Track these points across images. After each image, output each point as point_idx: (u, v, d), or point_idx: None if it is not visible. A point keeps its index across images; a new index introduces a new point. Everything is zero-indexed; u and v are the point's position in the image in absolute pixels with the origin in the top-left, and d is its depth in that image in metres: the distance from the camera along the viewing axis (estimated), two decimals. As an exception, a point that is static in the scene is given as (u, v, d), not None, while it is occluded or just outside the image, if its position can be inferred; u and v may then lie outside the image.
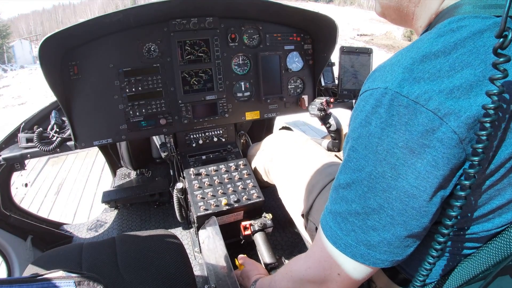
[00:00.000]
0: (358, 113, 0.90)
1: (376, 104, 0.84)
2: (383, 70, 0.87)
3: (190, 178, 2.36)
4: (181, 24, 2.37)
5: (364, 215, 0.89)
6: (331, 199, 1.00)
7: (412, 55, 0.82)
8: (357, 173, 0.89)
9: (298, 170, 2.05)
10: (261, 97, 2.65)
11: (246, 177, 2.40)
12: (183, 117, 2.47)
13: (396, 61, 0.85)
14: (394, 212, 0.85)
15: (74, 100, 2.22)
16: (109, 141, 2.36)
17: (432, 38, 0.82)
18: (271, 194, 3.02)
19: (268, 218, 2.30)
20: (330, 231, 0.98)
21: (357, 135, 0.89)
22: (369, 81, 0.89)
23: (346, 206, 0.93)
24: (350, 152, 0.91)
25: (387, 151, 0.83)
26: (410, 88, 0.78)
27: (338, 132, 2.16)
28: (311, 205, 1.79)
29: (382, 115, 0.82)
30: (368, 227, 0.90)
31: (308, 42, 2.72)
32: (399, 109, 0.79)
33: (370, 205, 0.88)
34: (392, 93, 0.80)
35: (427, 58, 0.80)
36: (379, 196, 0.86)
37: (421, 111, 0.77)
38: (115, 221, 3.28)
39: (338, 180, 0.97)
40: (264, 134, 3.71)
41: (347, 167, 0.93)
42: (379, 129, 0.83)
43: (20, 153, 2.19)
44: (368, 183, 0.87)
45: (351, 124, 0.94)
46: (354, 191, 0.91)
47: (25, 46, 35.32)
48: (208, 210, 2.18)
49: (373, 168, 0.86)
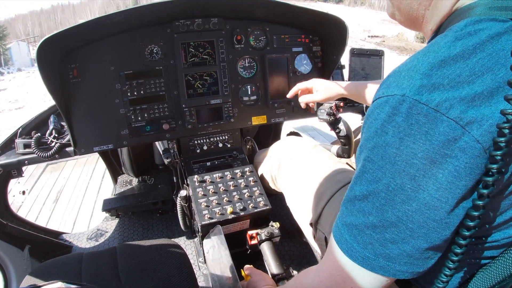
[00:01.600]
0: (372, 121, 0.89)
1: (392, 112, 0.83)
2: (398, 75, 0.86)
3: (194, 186, 2.36)
4: (185, 25, 2.38)
5: (381, 228, 0.89)
6: (346, 211, 0.99)
7: (430, 59, 0.81)
8: (374, 185, 0.88)
9: (306, 177, 2.05)
10: (268, 101, 2.66)
11: (252, 184, 2.39)
12: (187, 122, 2.48)
13: (412, 66, 0.84)
14: (414, 225, 0.84)
15: (73, 104, 2.23)
16: (110, 147, 2.37)
17: (449, 41, 0.82)
18: (279, 202, 3.01)
19: (276, 227, 2.30)
20: (345, 244, 0.97)
21: (372, 144, 0.88)
22: (383, 87, 0.89)
23: (362, 218, 0.92)
24: (366, 163, 0.91)
25: (406, 161, 0.82)
26: (429, 95, 0.77)
27: (348, 137, 2.16)
28: (320, 213, 1.79)
29: (400, 124, 0.81)
30: (386, 240, 0.89)
31: (317, 44, 2.73)
32: (418, 118, 0.79)
33: (388, 218, 0.87)
34: (410, 101, 0.79)
35: (446, 63, 0.79)
36: (398, 208, 0.85)
37: (442, 119, 0.76)
38: (116, 230, 3.29)
39: (353, 191, 0.96)
40: (271, 139, 3.72)
41: (363, 178, 0.92)
42: (397, 138, 0.82)
43: (17, 160, 2.20)
44: (385, 195, 0.87)
45: (365, 133, 0.93)
46: (371, 203, 0.90)
47: (23, 48, 35.52)
48: (213, 219, 2.17)
49: (391, 180, 0.85)
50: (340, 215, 1.02)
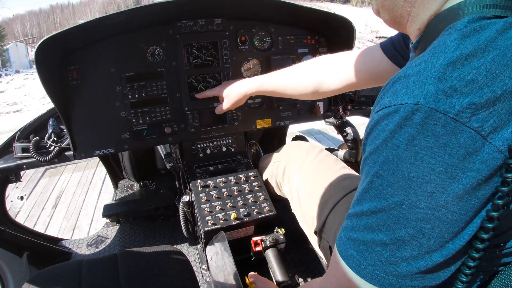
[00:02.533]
0: (380, 133, 0.85)
1: (404, 122, 0.78)
2: (405, 81, 0.82)
3: (197, 191, 2.35)
4: (188, 25, 2.39)
5: (392, 246, 0.85)
6: (352, 225, 0.95)
7: (441, 61, 0.77)
8: (384, 202, 0.84)
9: (311, 183, 2.06)
10: (273, 104, 2.66)
11: (257, 190, 2.39)
12: (190, 126, 2.49)
13: (420, 70, 0.80)
14: (430, 242, 0.81)
15: (73, 107, 2.24)
16: (110, 151, 2.38)
17: (456, 40, 0.79)
18: (284, 207, 3.01)
19: (281, 233, 2.29)
20: (352, 260, 0.94)
21: (382, 159, 0.84)
22: (389, 95, 0.85)
23: (371, 235, 0.89)
24: (375, 179, 0.86)
25: (423, 178, 0.77)
26: (447, 102, 0.73)
27: (355, 141, 2.17)
28: (324, 222, 1.79)
29: (414, 136, 0.76)
30: (397, 258, 0.85)
31: (323, 45, 2.74)
32: (435, 129, 0.75)
33: (401, 236, 0.83)
34: (426, 110, 0.75)
35: (460, 63, 0.75)
36: (412, 227, 0.81)
37: (462, 130, 0.73)
38: (117, 236, 3.30)
39: (360, 206, 0.92)
40: (276, 143, 3.73)
41: (371, 194, 0.88)
42: (411, 152, 0.78)
43: (15, 164, 2.20)
44: (398, 214, 0.82)
45: (370, 145, 0.89)
46: (381, 221, 0.86)
47: (21, 49, 35.66)
48: (216, 225, 2.17)
49: (405, 197, 0.80)
50: (344, 228, 0.99)
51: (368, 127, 0.91)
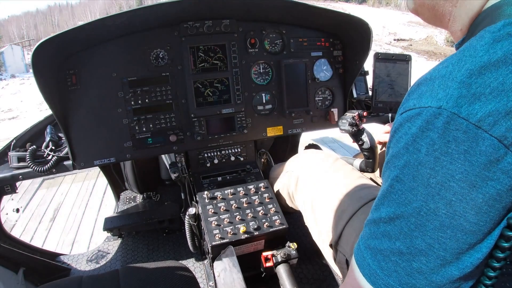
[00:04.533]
0: (402, 136, 0.88)
1: (426, 126, 0.81)
2: (431, 84, 0.84)
3: (204, 203, 2.36)
4: (194, 27, 2.41)
5: (409, 256, 0.87)
6: (370, 233, 0.97)
7: (467, 65, 0.78)
8: (403, 208, 0.87)
9: (325, 194, 2.06)
10: (284, 110, 2.68)
11: (267, 202, 2.39)
12: (196, 133, 2.50)
13: (446, 73, 0.82)
14: (447, 253, 0.82)
15: (72, 113, 2.27)
16: (112, 160, 2.40)
17: (487, 44, 0.80)
18: (296, 220, 3.02)
19: (293, 248, 2.27)
20: (368, 269, 0.95)
21: (402, 163, 0.87)
22: (414, 97, 0.87)
23: (388, 243, 0.90)
24: (394, 183, 0.89)
25: (442, 184, 0.79)
26: (469, 108, 0.75)
27: (372, 150, 2.17)
28: (340, 233, 1.80)
29: (435, 141, 0.79)
30: (413, 269, 0.86)
31: (338, 48, 2.76)
32: (456, 134, 0.76)
33: (417, 245, 0.84)
34: (447, 115, 0.77)
35: (486, 69, 0.76)
36: (429, 235, 0.83)
37: (483, 137, 0.74)
38: (119, 251, 3.31)
39: (378, 212, 0.95)
40: (288, 153, 3.75)
41: (390, 200, 0.90)
42: (431, 158, 0.80)
43: (10, 174, 2.22)
44: (416, 221, 0.84)
45: (392, 148, 0.92)
46: (398, 228, 0.88)
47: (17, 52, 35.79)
48: (225, 239, 2.17)
49: (423, 204, 0.82)
50: (362, 236, 1.01)
51: (392, 129, 0.93)
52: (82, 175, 5.83)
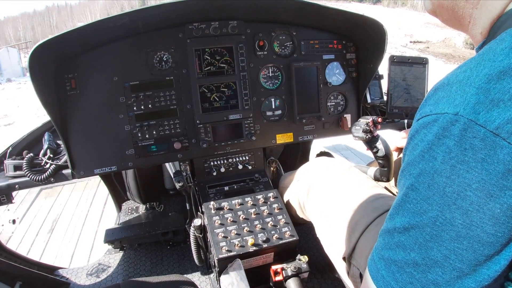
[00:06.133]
0: (418, 143, 0.89)
1: (442, 133, 0.82)
2: (448, 89, 0.85)
3: (210, 214, 2.36)
4: (199, 29, 2.43)
5: (424, 267, 0.88)
6: (384, 243, 0.99)
7: (486, 70, 0.80)
8: (418, 217, 0.88)
9: (338, 204, 2.07)
10: (295, 116, 2.69)
11: (277, 212, 2.39)
12: (202, 140, 2.51)
13: (464, 77, 0.83)
14: (464, 265, 0.82)
15: (71, 120, 2.28)
16: (113, 169, 2.42)
17: (507, 48, 0.81)
18: (307, 232, 3.01)
19: (304, 261, 2.29)
20: (382, 281, 0.97)
21: (418, 171, 0.88)
22: (431, 103, 0.89)
23: (403, 254, 0.92)
24: (409, 191, 0.90)
25: (458, 193, 0.80)
26: (487, 115, 0.76)
27: (387, 158, 2.16)
28: (354, 246, 1.81)
29: (452, 148, 0.80)
30: (428, 281, 0.87)
31: (351, 51, 2.77)
32: (473, 142, 0.77)
33: (433, 256, 0.86)
34: (464, 121, 0.78)
35: (506, 74, 0.77)
36: (445, 246, 0.84)
37: (502, 145, 0.75)
38: (121, 264, 3.32)
39: (393, 222, 0.96)
40: (298, 161, 3.76)
41: (405, 209, 0.92)
42: (447, 166, 0.81)
43: (6, 184, 2.24)
44: (431, 231, 0.85)
45: (408, 155, 0.93)
46: (413, 238, 0.89)
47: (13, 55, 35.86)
48: (232, 252, 2.17)
49: (439, 213, 0.83)
50: (376, 247, 1.02)
51: (408, 136, 0.95)
52: (82, 185, 5.86)
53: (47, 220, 5.03)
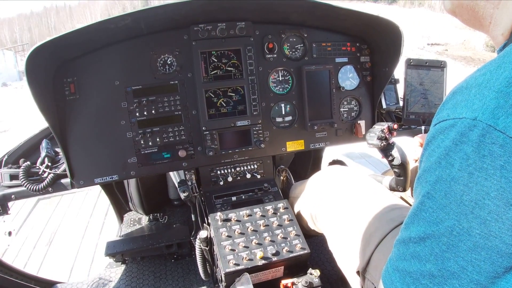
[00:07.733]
0: (435, 149, 0.90)
1: (459, 139, 0.82)
2: (467, 93, 0.86)
3: (216, 225, 2.36)
4: (205, 30, 2.44)
5: (440, 279, 0.88)
6: (398, 254, 1.00)
7: (507, 74, 0.80)
8: (434, 227, 0.88)
9: (352, 215, 2.07)
10: (306, 122, 2.69)
11: (287, 224, 2.38)
12: (208, 148, 2.51)
13: (483, 81, 0.84)
14: (481, 277, 0.83)
15: (70, 126, 2.30)
16: (114, 178, 2.43)
17: None
18: (319, 245, 3.01)
19: (315, 275, 2.28)
20: None
21: (434, 178, 0.89)
22: (448, 107, 0.89)
23: (418, 265, 0.92)
24: (425, 200, 0.91)
25: (476, 202, 0.81)
26: (507, 120, 0.76)
27: (403, 167, 2.16)
28: (369, 259, 1.81)
29: (469, 155, 0.81)
30: None
31: (365, 54, 2.78)
32: (492, 148, 0.78)
33: (449, 267, 0.86)
34: (483, 127, 0.79)
35: None
36: (462, 257, 0.84)
37: None
38: (122, 279, 3.32)
39: (408, 231, 0.97)
40: (310, 169, 3.77)
41: (421, 218, 0.93)
42: (465, 173, 0.82)
43: (2, 194, 2.25)
44: (448, 240, 0.86)
45: (424, 162, 0.94)
46: (429, 248, 0.89)
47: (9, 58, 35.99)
48: (239, 265, 2.16)
49: (456, 223, 0.84)
50: (391, 258, 1.03)
51: (425, 142, 0.96)
52: (82, 195, 5.87)
53: (45, 232, 5.04)
